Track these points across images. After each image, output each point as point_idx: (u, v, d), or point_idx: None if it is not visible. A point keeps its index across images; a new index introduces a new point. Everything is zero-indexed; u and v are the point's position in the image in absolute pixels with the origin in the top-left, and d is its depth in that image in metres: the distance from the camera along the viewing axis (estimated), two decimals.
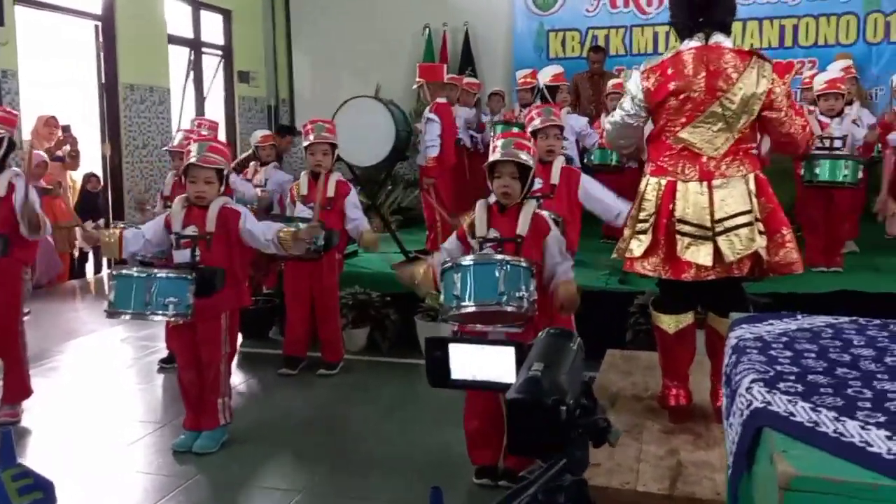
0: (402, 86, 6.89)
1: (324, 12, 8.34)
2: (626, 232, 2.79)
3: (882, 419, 1.20)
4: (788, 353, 1.54)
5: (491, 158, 2.82)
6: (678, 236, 2.62)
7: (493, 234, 2.78)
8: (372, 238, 4.06)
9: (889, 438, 1.13)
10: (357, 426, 3.56)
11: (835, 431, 1.17)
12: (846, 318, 1.81)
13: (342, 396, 3.98)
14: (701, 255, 2.58)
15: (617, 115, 2.87)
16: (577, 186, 3.75)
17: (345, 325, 4.46)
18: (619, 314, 4.25)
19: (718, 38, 2.62)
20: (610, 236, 4.77)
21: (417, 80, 5.45)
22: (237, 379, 4.12)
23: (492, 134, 5.73)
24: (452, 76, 6.28)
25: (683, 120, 2.62)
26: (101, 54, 6.83)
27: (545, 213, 3.37)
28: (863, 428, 1.17)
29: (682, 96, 2.59)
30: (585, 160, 5.61)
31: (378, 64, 7.85)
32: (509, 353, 1.21)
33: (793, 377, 1.40)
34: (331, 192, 4.09)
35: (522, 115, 5.83)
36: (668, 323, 2.78)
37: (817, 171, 4.65)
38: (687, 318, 2.79)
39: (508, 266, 2.51)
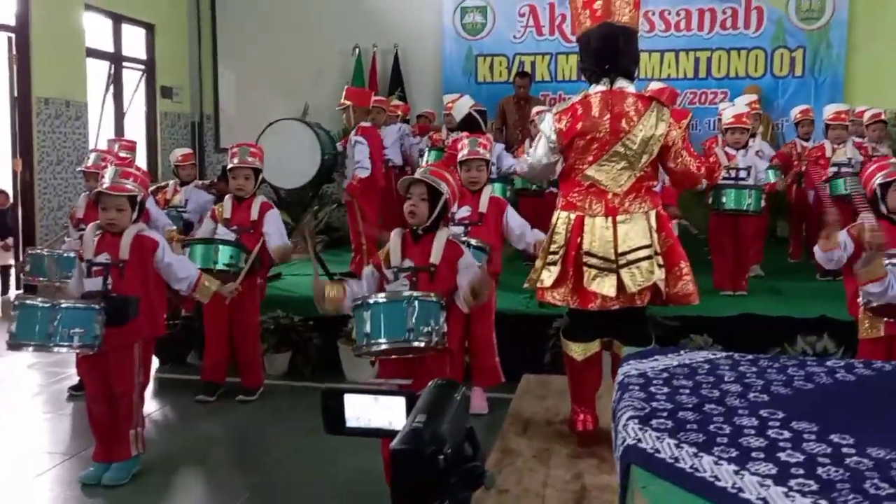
0: (331, 105, 6.86)
1: (252, 29, 8.30)
2: (538, 263, 2.94)
3: (734, 454, 1.34)
4: (666, 390, 1.69)
5: (404, 179, 2.93)
6: (585, 268, 2.78)
7: (408, 263, 2.84)
8: (282, 251, 4.00)
9: (736, 473, 1.27)
10: (277, 452, 3.56)
11: (691, 467, 1.31)
12: (723, 354, 1.99)
13: (262, 422, 3.96)
14: (605, 286, 2.75)
15: (533, 156, 3.02)
16: (503, 215, 3.91)
17: (266, 349, 4.45)
18: (539, 337, 4.40)
19: (622, 84, 2.82)
20: (534, 258, 4.95)
21: (343, 101, 5.49)
22: (152, 406, 4.04)
23: (427, 157, 5.86)
24: (379, 98, 6.35)
25: (590, 158, 2.80)
26: (14, 66, 6.60)
27: (472, 241, 3.52)
28: (716, 463, 1.31)
29: (588, 136, 2.78)
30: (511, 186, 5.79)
31: (307, 83, 7.86)
32: (400, 402, 1.30)
33: (665, 414, 1.54)
34: (254, 216, 4.09)
35: (450, 139, 5.99)
36: (577, 350, 2.94)
37: (724, 199, 4.97)
38: (594, 346, 2.95)
39: (417, 302, 2.59)
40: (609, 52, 2.79)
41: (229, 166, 4.15)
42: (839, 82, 7.45)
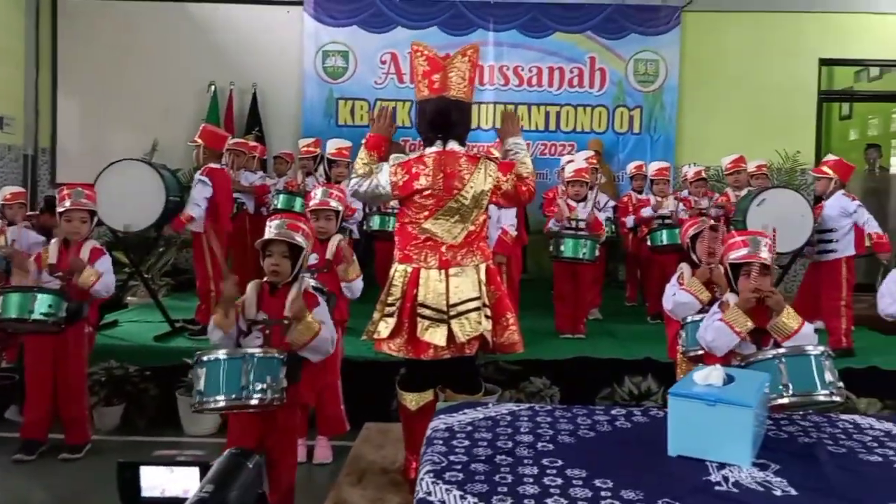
0: (183, 143, 6.74)
1: (98, 58, 7.94)
2: (376, 315, 3.08)
3: (509, 502, 1.51)
4: (466, 443, 1.86)
5: (265, 236, 2.96)
6: (419, 319, 2.95)
7: (262, 316, 2.87)
8: (84, 278, 3.78)
9: None
10: None
11: None
12: (526, 406, 2.20)
13: (88, 482, 3.75)
14: (437, 336, 2.93)
15: (371, 187, 3.10)
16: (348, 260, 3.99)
17: (95, 402, 4.24)
18: (386, 383, 4.49)
19: (454, 146, 3.06)
20: None
21: (196, 139, 5.39)
22: None
23: (274, 202, 5.86)
24: (238, 140, 6.30)
25: (426, 213, 3.01)
26: None
27: (312, 283, 3.55)
28: None
29: (425, 193, 2.99)
30: (364, 227, 5.92)
31: (157, 119, 7.62)
32: (194, 472, 1.37)
33: (459, 466, 1.70)
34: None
35: (305, 184, 6.05)
36: (411, 400, 3.09)
37: (562, 248, 5.40)
38: (428, 396, 3.11)
39: (255, 359, 2.63)
40: (443, 122, 3.06)
41: (61, 209, 3.97)
42: (671, 141, 8.27)
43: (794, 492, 1.59)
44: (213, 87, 7.73)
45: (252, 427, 2.81)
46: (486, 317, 2.99)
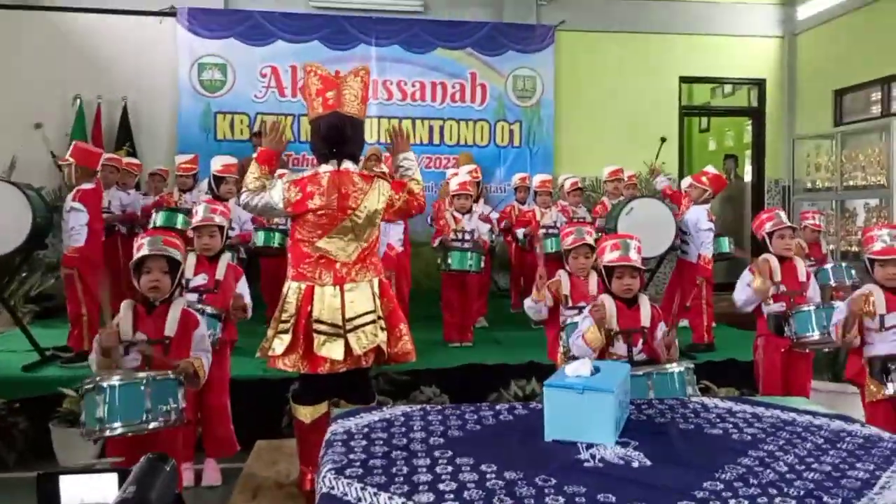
0: (46, 158, 6.48)
1: None
2: (270, 332, 3.19)
3: (406, 489, 1.72)
4: (364, 443, 2.04)
5: (138, 254, 2.97)
6: (315, 334, 3.09)
7: (140, 336, 2.90)
8: None
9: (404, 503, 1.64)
10: None
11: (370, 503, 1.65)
12: (418, 407, 2.41)
13: None
14: (334, 350, 3.08)
15: (263, 201, 3.21)
16: (238, 282, 4.04)
17: None
18: (277, 401, 4.57)
19: (348, 165, 3.23)
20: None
21: (67, 158, 5.23)
22: None
23: (154, 219, 5.74)
24: (112, 156, 6.13)
25: (320, 232, 3.16)
26: None
27: (206, 309, 3.60)
28: (390, 498, 1.68)
29: (319, 212, 3.13)
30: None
31: (16, 134, 7.23)
32: (113, 479, 1.47)
33: (358, 463, 1.88)
34: None
35: (183, 200, 5.98)
36: (305, 413, 3.22)
37: (449, 260, 5.67)
38: (322, 408, 3.25)
39: (154, 383, 2.67)
40: (337, 138, 3.21)
41: None
42: (549, 153, 8.82)
43: (649, 462, 1.89)
44: (78, 101, 7.44)
45: (133, 451, 2.82)
46: (382, 329, 3.18)
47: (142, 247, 2.97)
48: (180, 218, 5.42)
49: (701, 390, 4.05)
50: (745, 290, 4.17)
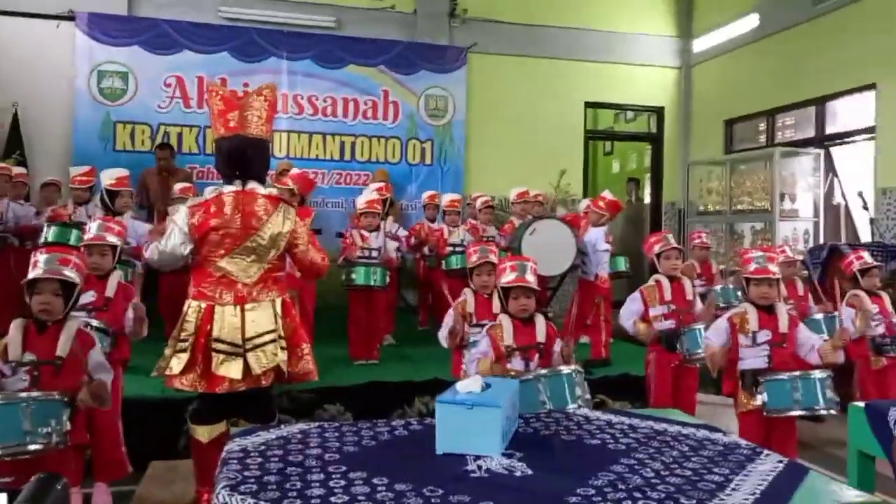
0: None
1: None
2: (168, 351, 3.19)
3: (298, 503, 1.80)
4: (259, 460, 2.11)
5: (32, 274, 2.90)
6: (214, 353, 3.12)
7: (29, 357, 2.83)
8: None
9: None
10: None
11: None
12: (316, 424, 2.49)
13: None
14: (233, 369, 3.12)
15: (165, 245, 3.24)
16: (128, 301, 3.97)
17: None
18: (174, 421, 4.50)
19: (253, 185, 3.28)
20: None
21: None
22: None
23: (45, 234, 5.52)
24: (1, 165, 5.90)
25: (222, 251, 3.19)
26: None
27: (93, 322, 3.52)
28: None
29: (221, 232, 3.18)
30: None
31: None
32: (2, 498, 1.49)
33: (252, 480, 1.95)
34: None
35: (77, 214, 5.80)
36: (203, 433, 3.24)
37: (353, 276, 5.76)
38: (220, 427, 3.27)
39: (35, 403, 2.61)
40: (239, 160, 3.26)
41: None
42: (460, 172, 9.07)
43: (531, 472, 2.06)
44: None
45: (19, 473, 2.76)
46: (282, 348, 3.23)
47: (36, 264, 2.91)
48: (74, 234, 5.24)
49: (596, 404, 4.31)
50: (629, 318, 4.48)
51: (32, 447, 2.58)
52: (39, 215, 5.94)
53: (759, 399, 3.46)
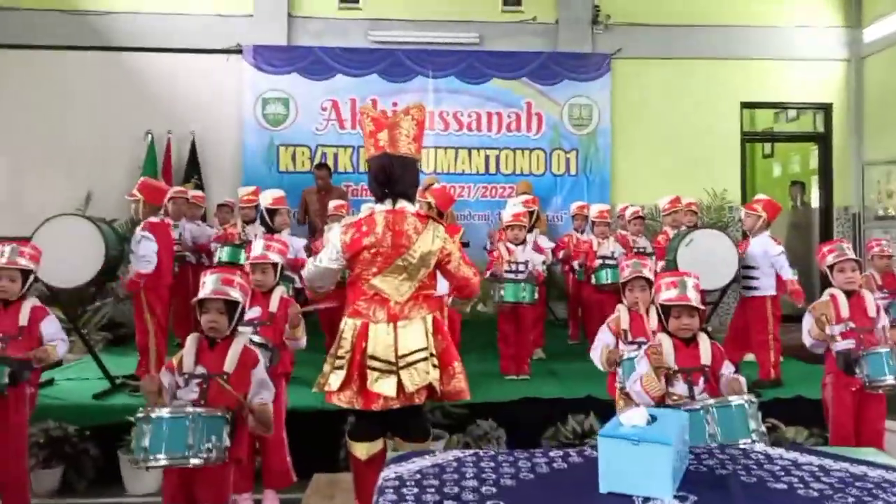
0: (120, 192, 6.77)
1: (24, 104, 7.91)
2: (326, 367, 3.23)
3: None
4: (416, 490, 2.03)
5: (200, 295, 3.07)
6: (369, 371, 3.11)
7: (200, 370, 2.98)
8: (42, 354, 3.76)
9: None
10: None
11: None
12: (471, 452, 2.39)
13: None
14: (387, 387, 3.10)
15: (319, 262, 3.32)
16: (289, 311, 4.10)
17: (33, 465, 4.20)
18: (334, 433, 4.60)
19: (403, 204, 3.26)
20: None
21: (134, 193, 5.47)
22: None
23: (219, 255, 5.90)
24: (178, 189, 6.37)
25: (375, 270, 3.19)
26: None
27: (256, 341, 3.66)
28: None
29: (373, 251, 3.18)
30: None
31: (92, 169, 7.62)
32: None
33: None
34: (23, 321, 3.91)
35: (246, 233, 6.14)
36: (361, 450, 3.24)
37: (503, 292, 5.65)
38: (378, 445, 3.26)
39: (200, 419, 2.73)
40: (386, 178, 3.25)
41: None
42: (606, 181, 8.72)
43: None
44: (149, 136, 7.79)
45: (187, 482, 2.89)
46: (434, 366, 3.17)
47: (204, 285, 3.07)
48: (243, 254, 5.56)
49: (768, 429, 3.89)
50: (807, 336, 4.01)
51: (193, 461, 2.70)
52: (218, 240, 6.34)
53: None
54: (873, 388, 3.78)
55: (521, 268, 5.84)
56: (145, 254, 5.12)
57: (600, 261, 6.47)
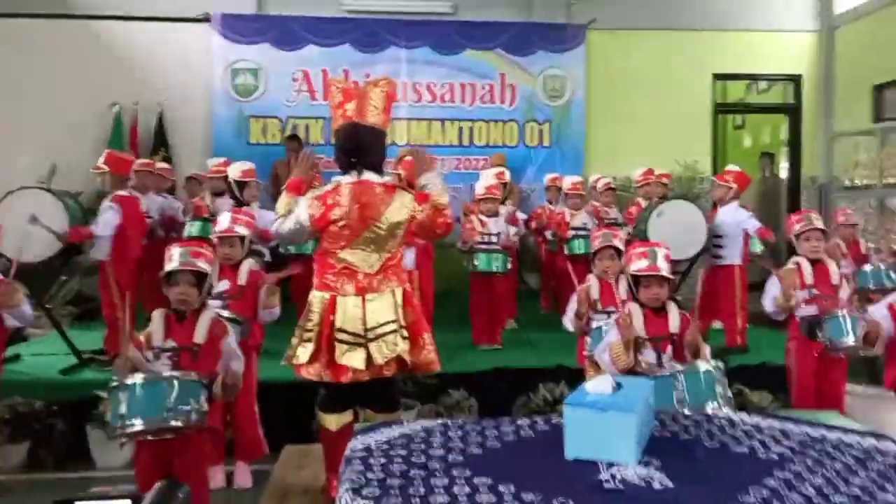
0: (85, 166, 6.57)
1: None
2: (294, 341, 3.20)
3: None
4: (383, 461, 2.02)
5: (167, 267, 3.01)
6: (337, 343, 3.09)
7: (170, 343, 2.94)
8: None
9: None
10: None
11: None
12: (440, 422, 2.38)
13: None
14: (355, 359, 3.08)
15: (283, 227, 3.25)
16: (260, 287, 4.06)
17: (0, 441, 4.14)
18: (306, 405, 4.58)
19: (369, 175, 3.21)
20: None
21: (100, 166, 5.34)
22: None
23: (189, 228, 5.79)
24: (144, 161, 6.22)
25: (343, 243, 3.15)
26: None
27: (226, 315, 3.62)
28: None
29: (340, 223, 3.12)
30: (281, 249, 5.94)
31: (55, 141, 7.38)
32: None
33: (376, 483, 1.87)
34: None
35: (216, 205, 6.02)
36: (331, 421, 3.23)
37: (476, 262, 5.66)
38: (347, 416, 3.26)
39: (177, 382, 2.69)
40: (354, 148, 3.20)
41: None
42: (580, 153, 8.70)
43: (671, 484, 1.84)
44: (116, 107, 7.59)
45: (161, 455, 2.86)
46: (403, 338, 3.15)
47: (171, 258, 3.02)
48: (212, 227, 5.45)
49: (734, 395, 3.96)
50: (771, 301, 4.07)
51: (174, 423, 2.66)
52: (186, 212, 6.22)
53: None
54: (835, 351, 3.85)
55: (495, 239, 5.84)
56: (102, 222, 5.03)
57: (573, 232, 6.48)
